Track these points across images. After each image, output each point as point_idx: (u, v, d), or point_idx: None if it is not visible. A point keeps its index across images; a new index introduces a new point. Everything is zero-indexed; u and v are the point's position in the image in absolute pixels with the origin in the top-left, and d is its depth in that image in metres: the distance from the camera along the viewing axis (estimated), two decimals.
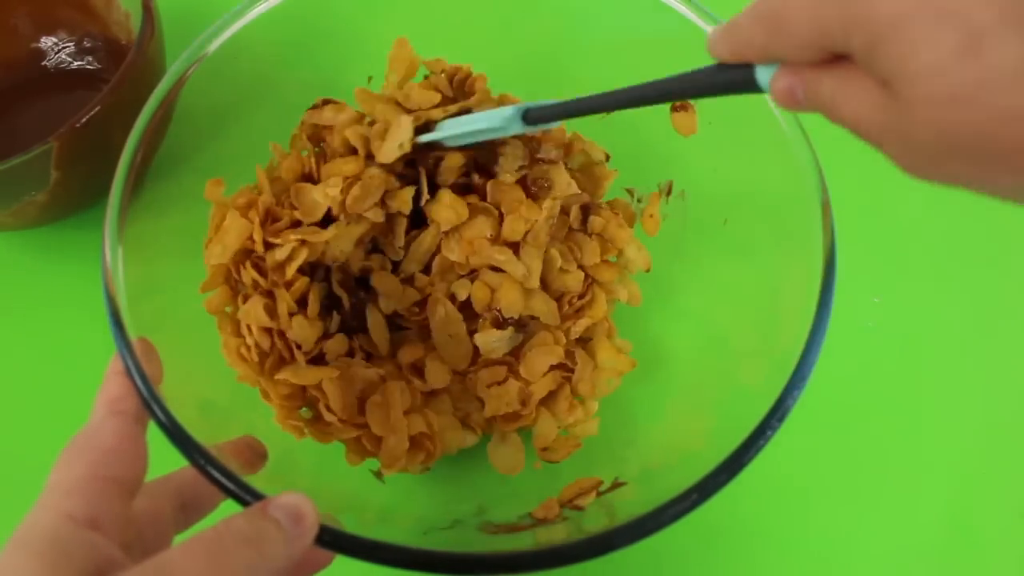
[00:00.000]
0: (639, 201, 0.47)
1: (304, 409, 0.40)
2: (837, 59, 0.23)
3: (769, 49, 0.24)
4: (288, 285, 0.39)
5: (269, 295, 0.39)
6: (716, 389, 0.40)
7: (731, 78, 0.27)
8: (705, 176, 0.44)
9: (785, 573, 0.45)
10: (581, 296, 0.44)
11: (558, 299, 0.44)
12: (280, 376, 0.38)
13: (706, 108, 0.42)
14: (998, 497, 0.47)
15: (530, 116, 0.36)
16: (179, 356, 0.35)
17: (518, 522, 0.36)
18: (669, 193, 0.46)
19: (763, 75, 0.26)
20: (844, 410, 0.48)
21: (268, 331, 0.38)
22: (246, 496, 0.29)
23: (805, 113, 0.26)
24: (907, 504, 0.46)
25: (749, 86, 0.26)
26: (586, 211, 0.45)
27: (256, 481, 0.30)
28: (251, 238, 0.39)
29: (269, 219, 0.40)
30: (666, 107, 0.43)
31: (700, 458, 0.33)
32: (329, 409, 0.38)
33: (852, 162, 0.55)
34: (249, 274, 0.38)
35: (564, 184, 0.43)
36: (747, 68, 0.26)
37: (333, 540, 0.29)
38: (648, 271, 0.45)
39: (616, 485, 0.37)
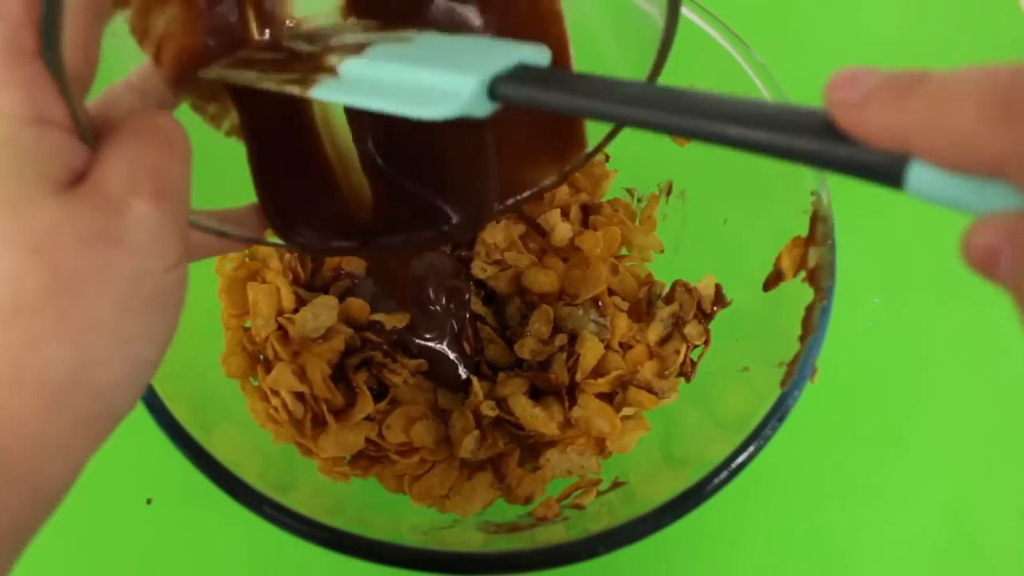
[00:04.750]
0: (639, 201, 0.47)
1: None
2: None
3: (1005, 165, 0.14)
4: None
5: (295, 358, 0.38)
6: (716, 389, 0.40)
7: (864, 162, 0.17)
8: (705, 176, 0.44)
9: (785, 573, 0.45)
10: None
11: None
12: (324, 451, 0.37)
13: None
14: (998, 497, 0.47)
15: (502, 92, 0.21)
16: (178, 352, 0.35)
17: (518, 522, 0.36)
18: (669, 193, 0.46)
19: (925, 180, 0.16)
20: (844, 410, 0.48)
21: (299, 395, 0.37)
22: (245, 496, 0.29)
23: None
24: (907, 504, 0.46)
25: (887, 180, 0.16)
26: (586, 211, 0.45)
27: (258, 482, 0.30)
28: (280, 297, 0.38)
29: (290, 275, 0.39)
30: None
31: (700, 458, 0.33)
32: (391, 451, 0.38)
33: None
34: (272, 346, 0.37)
35: None
36: (898, 161, 0.16)
37: (333, 540, 0.29)
38: (663, 252, 0.45)
39: (616, 485, 0.37)
